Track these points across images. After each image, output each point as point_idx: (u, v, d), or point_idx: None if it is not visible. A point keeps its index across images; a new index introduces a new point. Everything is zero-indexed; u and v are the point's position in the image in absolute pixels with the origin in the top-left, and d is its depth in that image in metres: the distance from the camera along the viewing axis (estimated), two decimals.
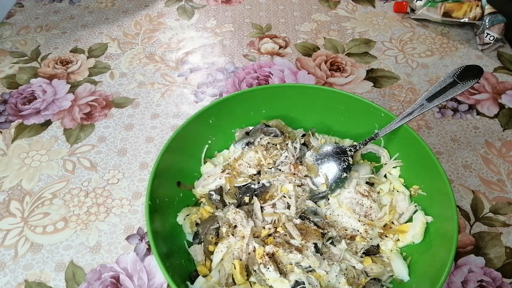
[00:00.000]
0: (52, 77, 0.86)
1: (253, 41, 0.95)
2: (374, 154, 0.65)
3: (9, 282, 0.57)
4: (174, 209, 0.58)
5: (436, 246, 0.51)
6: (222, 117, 0.65)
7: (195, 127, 0.62)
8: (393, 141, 0.62)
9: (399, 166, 0.61)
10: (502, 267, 0.58)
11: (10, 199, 0.66)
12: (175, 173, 0.60)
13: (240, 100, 0.65)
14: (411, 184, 0.59)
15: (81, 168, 0.70)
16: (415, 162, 0.58)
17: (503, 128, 0.76)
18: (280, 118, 0.67)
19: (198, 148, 0.64)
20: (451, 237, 0.48)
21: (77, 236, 0.62)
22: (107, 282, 0.57)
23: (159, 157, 0.56)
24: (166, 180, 0.57)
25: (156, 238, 0.49)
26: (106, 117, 0.78)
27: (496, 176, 0.69)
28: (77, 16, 1.01)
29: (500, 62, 0.89)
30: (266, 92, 0.66)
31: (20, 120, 0.78)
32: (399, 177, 0.61)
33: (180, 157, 0.60)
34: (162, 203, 0.55)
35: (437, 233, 0.53)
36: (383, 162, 0.63)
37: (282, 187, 0.58)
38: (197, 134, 0.63)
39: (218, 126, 0.65)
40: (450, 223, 0.49)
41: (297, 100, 0.66)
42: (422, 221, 0.54)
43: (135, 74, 0.87)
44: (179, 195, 0.60)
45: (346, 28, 0.98)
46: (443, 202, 0.51)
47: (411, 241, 0.54)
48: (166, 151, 0.57)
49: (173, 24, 0.99)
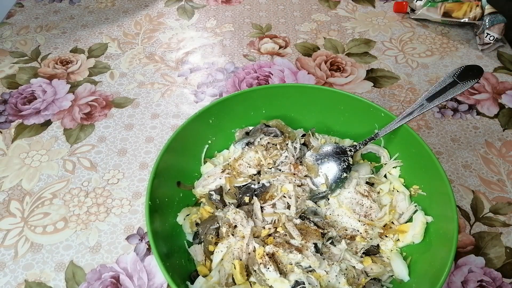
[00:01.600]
0: (52, 77, 0.86)
1: (253, 41, 0.95)
2: (374, 154, 0.65)
3: (9, 282, 0.57)
4: (174, 209, 0.58)
5: (436, 246, 0.51)
6: (222, 117, 0.65)
7: (195, 127, 0.62)
8: (393, 141, 0.62)
9: (399, 166, 0.61)
10: (502, 267, 0.58)
11: (10, 199, 0.66)
12: (175, 173, 0.60)
13: (240, 100, 0.65)
14: (411, 184, 0.59)
15: (81, 168, 0.70)
16: (415, 162, 0.58)
17: (503, 128, 0.76)
18: (280, 118, 0.67)
19: (198, 148, 0.64)
20: (451, 237, 0.48)
21: (77, 236, 0.62)
22: (107, 282, 0.57)
23: (159, 157, 0.56)
24: (166, 180, 0.57)
25: (156, 238, 0.49)
26: (106, 117, 0.78)
27: (496, 176, 0.69)
28: (77, 16, 1.01)
29: (500, 62, 0.89)
30: (266, 92, 0.66)
31: (20, 120, 0.78)
32: (399, 177, 0.61)
33: (180, 157, 0.60)
34: (162, 203, 0.55)
35: (437, 233, 0.53)
36: (383, 162, 0.63)
37: (282, 187, 0.58)
38: (197, 134, 0.63)
39: (218, 126, 0.65)
40: (450, 223, 0.49)
41: (297, 100, 0.66)
42: (422, 221, 0.54)
43: (135, 74, 0.87)
44: (179, 195, 0.60)
45: (346, 28, 0.98)
46: (443, 202, 0.51)
47: (411, 241, 0.54)
48: (166, 151, 0.57)
49: (173, 24, 0.99)
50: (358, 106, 0.63)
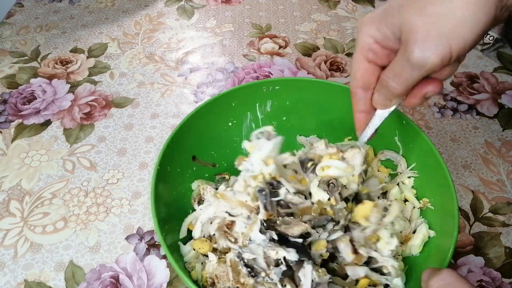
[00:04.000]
0: (52, 77, 0.86)
1: (253, 41, 0.95)
2: (392, 162, 0.62)
3: (9, 282, 0.57)
4: (185, 180, 0.59)
5: (432, 260, 0.51)
6: (244, 103, 0.63)
7: (218, 106, 0.61)
8: (412, 150, 0.59)
9: (414, 177, 0.59)
10: (502, 267, 0.58)
11: (10, 199, 0.66)
12: (191, 148, 0.60)
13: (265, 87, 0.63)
14: (421, 196, 0.57)
15: (81, 168, 0.70)
16: (429, 175, 0.56)
17: (502, 128, 0.76)
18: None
19: (218, 127, 0.63)
20: (447, 252, 0.47)
21: (77, 236, 0.62)
22: (106, 282, 0.57)
23: (177, 127, 0.56)
24: (180, 151, 0.57)
25: (158, 201, 0.49)
26: (106, 117, 0.78)
27: (495, 176, 0.69)
28: (77, 16, 1.01)
29: (500, 62, 0.89)
30: (293, 84, 0.63)
31: (20, 120, 0.78)
32: (412, 187, 0.59)
33: (198, 133, 0.60)
34: (173, 172, 0.56)
35: (436, 248, 0.52)
36: (399, 171, 0.60)
37: None
38: (219, 113, 0.62)
39: (239, 111, 0.64)
40: (449, 239, 0.48)
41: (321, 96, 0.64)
42: (424, 234, 0.53)
43: (135, 74, 0.87)
44: (192, 169, 0.60)
45: (346, 28, 0.98)
46: (448, 218, 0.50)
47: (409, 252, 0.54)
48: (185, 124, 0.57)
49: (173, 24, 0.99)
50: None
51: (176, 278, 0.57)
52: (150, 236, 0.62)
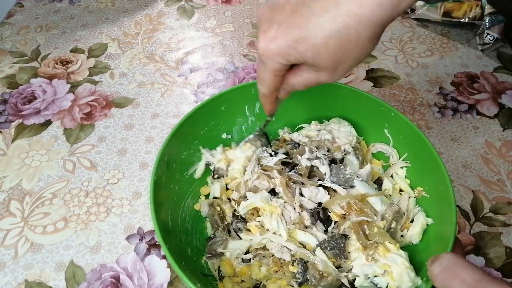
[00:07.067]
0: (52, 77, 0.86)
1: (253, 41, 0.95)
2: (383, 154, 0.63)
3: (9, 282, 0.57)
4: (190, 166, 0.60)
5: (433, 248, 0.51)
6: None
7: (228, 100, 0.62)
8: (401, 141, 0.60)
9: (407, 166, 0.60)
10: (502, 267, 0.59)
11: (10, 199, 0.66)
12: (197, 136, 0.61)
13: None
14: (415, 186, 0.58)
15: (81, 168, 0.70)
16: (421, 164, 0.57)
17: (503, 128, 0.76)
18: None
19: (228, 120, 0.64)
20: (448, 240, 0.47)
21: (77, 236, 0.62)
22: (107, 282, 0.57)
23: (184, 117, 0.57)
24: (186, 139, 0.58)
25: (157, 185, 0.50)
26: (106, 117, 0.78)
27: (496, 176, 0.69)
28: (77, 16, 1.01)
29: (500, 62, 0.89)
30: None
31: (20, 120, 0.78)
32: (405, 177, 0.60)
33: (204, 123, 0.62)
34: (177, 158, 0.57)
35: (435, 235, 0.52)
36: (391, 162, 0.62)
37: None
38: (229, 106, 0.63)
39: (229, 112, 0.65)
40: (449, 226, 0.49)
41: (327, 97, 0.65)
42: (422, 223, 0.54)
43: (135, 74, 0.87)
44: (192, 173, 0.61)
45: None
46: (445, 206, 0.51)
47: (409, 241, 0.54)
48: (193, 114, 0.58)
49: (173, 24, 0.99)
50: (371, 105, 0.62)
51: (176, 278, 0.57)
52: (151, 236, 0.62)
